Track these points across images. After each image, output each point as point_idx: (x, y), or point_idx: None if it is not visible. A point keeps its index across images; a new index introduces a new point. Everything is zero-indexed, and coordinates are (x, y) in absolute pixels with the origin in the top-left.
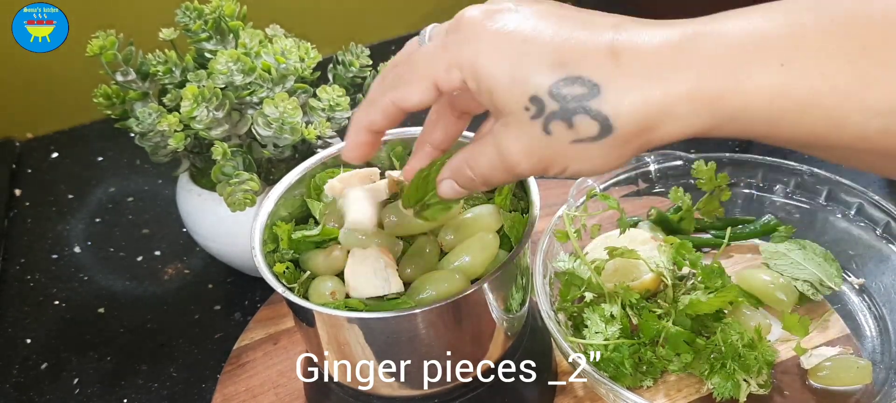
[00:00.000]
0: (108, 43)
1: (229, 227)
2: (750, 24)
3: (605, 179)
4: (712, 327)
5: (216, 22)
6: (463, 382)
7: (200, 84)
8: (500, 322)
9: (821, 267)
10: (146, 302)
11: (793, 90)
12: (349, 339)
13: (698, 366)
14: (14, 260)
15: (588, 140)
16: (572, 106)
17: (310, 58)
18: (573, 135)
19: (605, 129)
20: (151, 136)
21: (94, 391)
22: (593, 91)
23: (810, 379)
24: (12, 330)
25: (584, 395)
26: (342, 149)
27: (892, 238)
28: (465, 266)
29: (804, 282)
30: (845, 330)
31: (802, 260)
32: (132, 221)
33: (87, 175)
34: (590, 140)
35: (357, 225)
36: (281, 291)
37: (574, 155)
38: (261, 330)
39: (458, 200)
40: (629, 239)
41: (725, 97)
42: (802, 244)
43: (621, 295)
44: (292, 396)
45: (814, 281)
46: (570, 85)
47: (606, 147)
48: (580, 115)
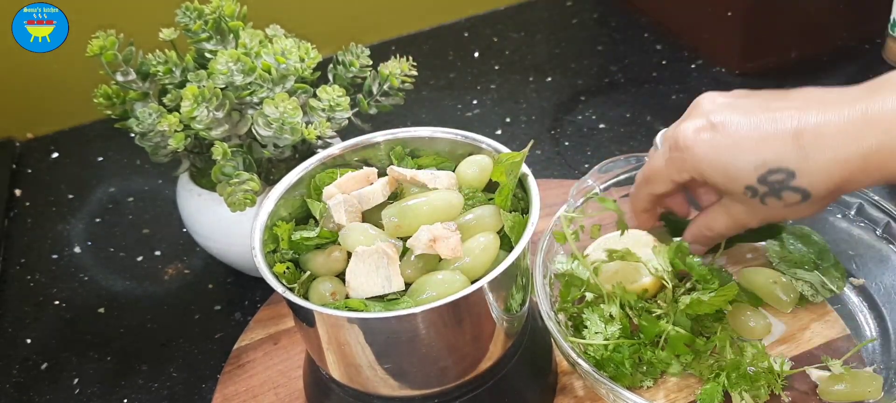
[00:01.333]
0: (108, 43)
1: (229, 227)
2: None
3: (606, 180)
4: (712, 327)
5: (216, 22)
6: (463, 382)
7: (200, 84)
8: (500, 322)
9: (823, 269)
10: (146, 302)
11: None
12: (349, 339)
13: (698, 367)
14: (14, 260)
15: (795, 204)
16: (777, 188)
17: (310, 58)
18: (783, 203)
19: (805, 197)
20: (151, 136)
21: (94, 391)
22: (790, 176)
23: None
24: (12, 330)
25: (584, 395)
26: (629, 223)
27: (892, 238)
28: (465, 266)
29: (805, 283)
30: (845, 330)
31: (804, 260)
32: (132, 221)
33: (87, 175)
34: (797, 204)
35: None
36: (281, 291)
37: (787, 212)
38: (261, 329)
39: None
40: (632, 241)
41: (888, 165)
42: (804, 233)
43: (619, 296)
44: (292, 396)
45: (815, 283)
46: (773, 174)
47: (809, 205)
48: (786, 192)
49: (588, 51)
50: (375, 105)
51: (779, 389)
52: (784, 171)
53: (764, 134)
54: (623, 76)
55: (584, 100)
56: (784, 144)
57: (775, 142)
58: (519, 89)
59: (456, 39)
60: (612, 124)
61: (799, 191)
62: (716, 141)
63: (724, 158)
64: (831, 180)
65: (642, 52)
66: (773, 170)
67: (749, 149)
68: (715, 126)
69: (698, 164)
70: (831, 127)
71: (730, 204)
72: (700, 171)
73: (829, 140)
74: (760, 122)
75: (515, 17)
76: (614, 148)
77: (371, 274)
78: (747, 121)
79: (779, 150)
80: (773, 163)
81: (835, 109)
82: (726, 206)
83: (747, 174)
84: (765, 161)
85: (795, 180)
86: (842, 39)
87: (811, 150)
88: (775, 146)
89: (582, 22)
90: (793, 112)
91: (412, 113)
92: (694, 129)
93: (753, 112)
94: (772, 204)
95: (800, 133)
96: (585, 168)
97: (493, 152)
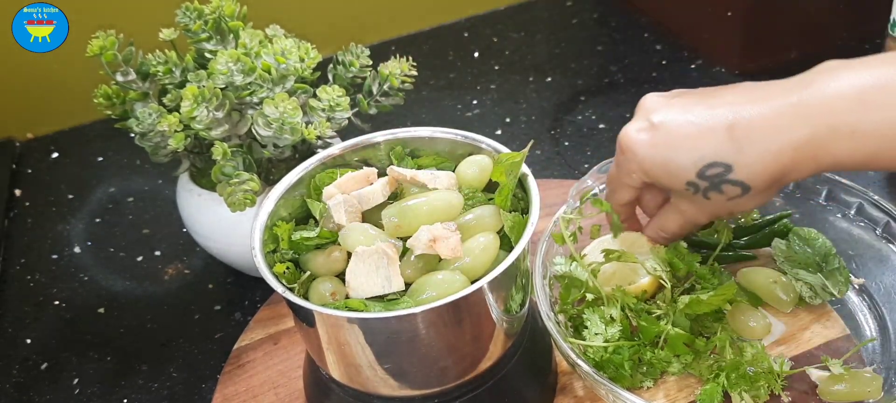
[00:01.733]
0: (108, 43)
1: (229, 227)
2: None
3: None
4: (712, 327)
5: (216, 22)
6: (463, 382)
7: (200, 84)
8: (500, 322)
9: (827, 272)
10: (146, 302)
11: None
12: (349, 339)
13: (698, 367)
14: (14, 260)
15: (736, 197)
16: (717, 182)
17: (310, 58)
18: (725, 197)
19: (745, 189)
20: (151, 136)
21: (94, 391)
22: (727, 170)
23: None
24: (12, 329)
25: (584, 395)
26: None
27: (892, 238)
28: (465, 266)
29: (804, 285)
30: (845, 330)
31: (808, 262)
32: (132, 221)
33: (87, 175)
34: (738, 197)
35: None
36: (281, 291)
37: (733, 206)
38: (261, 330)
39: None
40: (628, 242)
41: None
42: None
43: (619, 298)
44: (292, 396)
45: (816, 285)
46: (711, 168)
47: (751, 197)
48: (725, 185)
49: (588, 51)
50: (375, 105)
51: (779, 389)
52: (721, 165)
53: (700, 129)
54: (623, 76)
55: (584, 100)
56: (719, 138)
57: (711, 137)
58: (519, 89)
59: (456, 39)
60: (612, 124)
61: (738, 184)
62: (655, 139)
63: (664, 156)
64: (767, 172)
65: (642, 52)
66: (710, 164)
67: (687, 146)
68: (654, 125)
69: (642, 164)
70: (763, 119)
71: (678, 201)
72: (645, 171)
73: (760, 132)
74: (697, 118)
75: (515, 17)
76: (614, 148)
77: (371, 275)
78: (684, 117)
79: (715, 145)
80: (710, 158)
81: (767, 101)
82: (675, 205)
83: (687, 170)
84: (702, 156)
85: (733, 173)
86: (842, 39)
87: (745, 143)
88: (711, 141)
89: (582, 22)
90: (728, 106)
91: (412, 113)
92: (635, 131)
93: (691, 108)
94: (715, 198)
95: (733, 126)
96: (585, 168)
97: (493, 152)
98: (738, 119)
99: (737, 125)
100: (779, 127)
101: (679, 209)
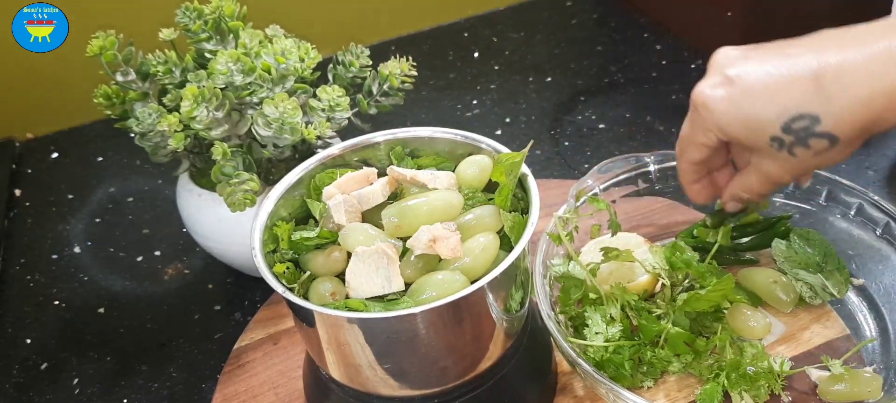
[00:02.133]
0: (108, 43)
1: (229, 227)
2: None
3: (605, 180)
4: (712, 327)
5: (216, 22)
6: (463, 382)
7: (200, 84)
8: (500, 322)
9: (827, 272)
10: (146, 302)
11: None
12: (349, 339)
13: (698, 367)
14: (14, 260)
15: (824, 151)
16: (803, 135)
17: (310, 58)
18: (812, 152)
19: (833, 142)
20: (151, 136)
21: (94, 391)
22: (815, 121)
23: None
24: (12, 330)
25: (584, 395)
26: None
27: (892, 238)
28: (465, 266)
29: (805, 285)
30: (845, 330)
31: (809, 262)
32: (132, 221)
33: (87, 175)
34: (825, 150)
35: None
36: (281, 291)
37: (819, 161)
38: (261, 330)
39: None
40: (623, 242)
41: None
42: (810, 235)
43: (619, 297)
44: (292, 396)
45: (816, 285)
46: (797, 121)
47: (840, 150)
48: (812, 139)
49: (588, 51)
50: (375, 105)
51: (779, 389)
52: (808, 117)
53: (782, 80)
54: (623, 76)
55: (584, 100)
56: (804, 88)
57: (795, 88)
58: (519, 89)
59: (456, 39)
60: (611, 124)
61: (826, 136)
62: (733, 94)
63: (744, 111)
64: (857, 121)
65: (642, 52)
66: (795, 116)
67: (768, 98)
68: (731, 80)
69: (719, 121)
70: (853, 65)
71: (760, 161)
72: (722, 128)
73: (851, 79)
74: (777, 69)
75: (515, 17)
76: (614, 148)
77: (371, 275)
78: (763, 69)
79: (799, 96)
80: (796, 110)
81: (855, 47)
82: (757, 165)
83: (770, 125)
84: (786, 108)
85: (821, 125)
86: None
87: (833, 92)
88: (795, 91)
89: (582, 22)
90: (810, 54)
91: (412, 113)
92: (710, 86)
93: (769, 59)
94: (801, 154)
95: (820, 75)
96: (585, 168)
97: (493, 152)
98: (824, 66)
99: (824, 73)
100: (871, 72)
101: (761, 169)
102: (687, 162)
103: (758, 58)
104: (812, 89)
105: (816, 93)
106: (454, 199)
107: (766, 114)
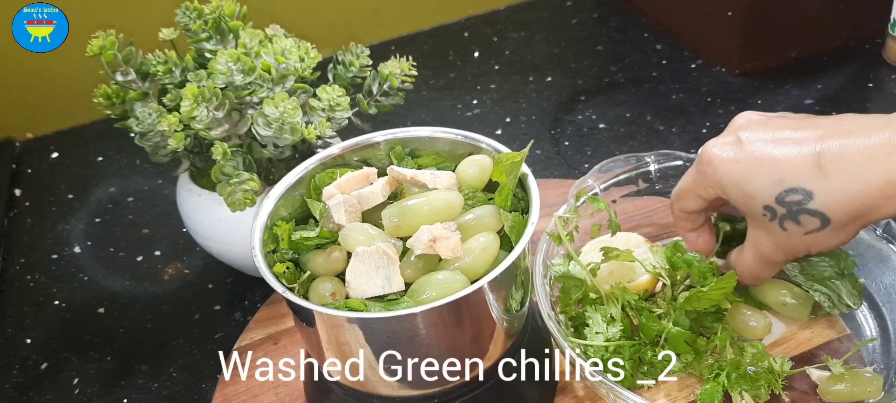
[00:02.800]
0: (108, 43)
1: (229, 227)
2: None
3: (606, 180)
4: (713, 327)
5: (216, 22)
6: (463, 382)
7: (200, 84)
8: (500, 322)
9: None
10: (146, 302)
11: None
12: (349, 339)
13: (698, 367)
14: (14, 260)
15: (815, 231)
16: (795, 210)
17: (310, 58)
18: (802, 229)
19: (824, 222)
20: (151, 136)
21: (94, 391)
22: (808, 197)
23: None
24: (12, 330)
25: (584, 395)
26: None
27: (892, 238)
28: (465, 266)
29: (822, 294)
30: (845, 330)
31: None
32: (132, 221)
33: (87, 175)
34: (816, 230)
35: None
36: (281, 291)
37: (810, 242)
38: (261, 330)
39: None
40: (623, 242)
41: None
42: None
43: (620, 296)
44: (292, 396)
45: (832, 296)
46: (790, 194)
47: (831, 233)
48: (803, 215)
49: (588, 51)
50: (375, 105)
51: (779, 389)
52: (801, 192)
53: (785, 153)
54: (623, 76)
55: (584, 100)
56: (803, 164)
57: (795, 162)
58: (519, 89)
59: (456, 39)
60: (611, 124)
61: (817, 214)
62: (738, 156)
63: (744, 176)
64: (851, 204)
65: (642, 52)
66: (789, 189)
67: (768, 167)
68: (741, 141)
69: (720, 180)
70: (854, 149)
71: (754, 233)
72: (722, 188)
73: (850, 161)
74: (784, 140)
75: (515, 17)
76: (614, 148)
77: (371, 275)
78: (772, 137)
79: (797, 169)
80: (791, 182)
81: (860, 134)
82: (751, 238)
83: (765, 192)
84: (781, 180)
85: (813, 202)
86: (842, 39)
87: (831, 170)
88: (794, 165)
89: (582, 22)
90: (821, 131)
91: (412, 113)
92: (719, 145)
93: (780, 130)
94: (791, 230)
95: (821, 153)
96: (585, 168)
97: (493, 152)
98: (828, 146)
99: (826, 152)
100: (873, 157)
101: (754, 243)
102: (679, 209)
103: (773, 127)
104: (810, 166)
105: (814, 170)
106: (454, 199)
107: (762, 183)
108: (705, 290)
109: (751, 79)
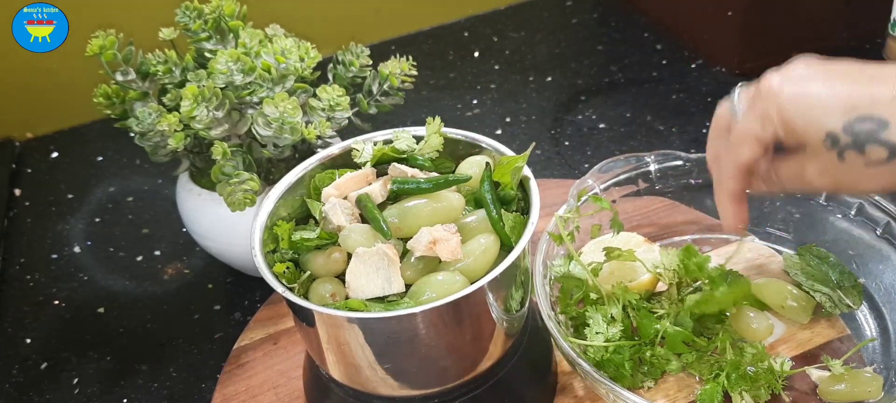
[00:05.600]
0: (108, 43)
1: (229, 227)
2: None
3: (606, 180)
4: (714, 329)
5: (216, 22)
6: (463, 382)
7: (200, 84)
8: (500, 322)
9: (845, 289)
10: (146, 302)
11: None
12: (349, 339)
13: (698, 367)
14: (14, 260)
15: (877, 163)
16: (863, 139)
17: (310, 58)
18: (864, 161)
19: (893, 154)
20: (151, 136)
21: (94, 391)
22: (881, 126)
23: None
24: (12, 330)
25: (584, 395)
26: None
27: (892, 238)
28: (465, 267)
29: (823, 295)
30: (845, 330)
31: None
32: (132, 221)
33: (87, 175)
34: (879, 163)
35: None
36: (281, 291)
37: (866, 175)
38: (261, 330)
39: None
40: (623, 242)
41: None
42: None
43: (621, 296)
44: (292, 396)
45: (833, 296)
46: (862, 121)
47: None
48: (871, 144)
49: (588, 51)
50: (375, 105)
51: (779, 389)
52: (875, 120)
53: (859, 80)
54: (623, 76)
55: (584, 100)
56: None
57: (873, 91)
58: (519, 89)
59: (456, 39)
60: (612, 124)
61: (887, 145)
62: (807, 76)
63: (811, 100)
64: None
65: (642, 52)
66: (862, 116)
67: (840, 91)
68: (809, 64)
69: (783, 104)
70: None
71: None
72: (783, 115)
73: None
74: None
75: (515, 17)
76: (614, 148)
77: (371, 276)
78: (842, 69)
79: (874, 99)
80: (864, 109)
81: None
82: (799, 159)
83: (833, 117)
84: (855, 105)
85: (887, 132)
86: (842, 39)
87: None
88: (871, 95)
89: (582, 22)
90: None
91: (412, 113)
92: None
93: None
94: (851, 160)
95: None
96: (585, 168)
97: (494, 152)
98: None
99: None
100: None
101: (801, 163)
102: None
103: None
104: (889, 98)
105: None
106: (455, 200)
107: (833, 105)
108: (717, 294)
109: (751, 79)
